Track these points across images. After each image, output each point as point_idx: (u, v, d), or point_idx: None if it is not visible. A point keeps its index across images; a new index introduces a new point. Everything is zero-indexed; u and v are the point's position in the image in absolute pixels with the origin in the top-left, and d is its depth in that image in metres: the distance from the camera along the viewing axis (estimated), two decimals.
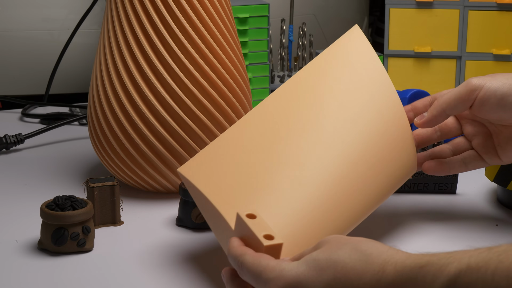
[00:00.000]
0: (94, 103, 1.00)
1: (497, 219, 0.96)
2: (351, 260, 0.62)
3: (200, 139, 0.97)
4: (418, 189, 1.03)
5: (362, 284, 0.61)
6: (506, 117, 0.84)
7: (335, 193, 0.79)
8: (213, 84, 0.98)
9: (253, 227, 0.68)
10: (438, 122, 0.87)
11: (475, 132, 0.89)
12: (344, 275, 0.62)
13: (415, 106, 0.89)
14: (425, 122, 0.87)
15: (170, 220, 0.96)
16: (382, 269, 0.61)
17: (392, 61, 1.38)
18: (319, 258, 0.64)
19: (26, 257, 0.86)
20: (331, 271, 0.62)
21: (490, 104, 0.84)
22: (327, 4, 1.66)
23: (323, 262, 0.63)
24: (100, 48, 1.00)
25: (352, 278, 0.61)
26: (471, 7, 1.32)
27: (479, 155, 0.89)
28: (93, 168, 1.12)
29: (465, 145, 0.90)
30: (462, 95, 0.84)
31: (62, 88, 1.50)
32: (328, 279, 0.62)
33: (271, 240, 0.68)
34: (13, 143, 1.20)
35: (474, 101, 0.84)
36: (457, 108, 0.85)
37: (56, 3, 1.47)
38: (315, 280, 0.63)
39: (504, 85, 0.83)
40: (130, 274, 0.83)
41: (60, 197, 0.87)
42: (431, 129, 0.90)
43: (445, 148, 0.90)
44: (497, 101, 0.83)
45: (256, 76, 1.35)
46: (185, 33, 0.96)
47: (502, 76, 0.84)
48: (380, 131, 0.84)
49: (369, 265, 0.61)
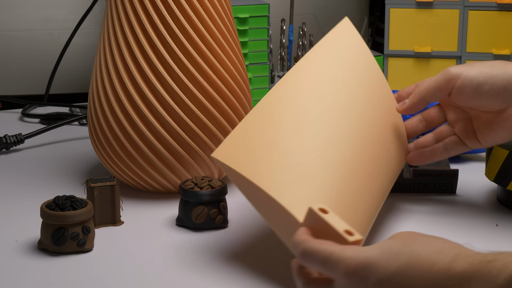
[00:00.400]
0: (94, 103, 1.00)
1: (497, 219, 0.96)
2: (424, 250, 0.64)
3: (200, 139, 0.97)
4: (418, 189, 1.03)
5: (433, 272, 0.63)
6: (483, 105, 0.88)
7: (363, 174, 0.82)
8: (213, 84, 0.98)
9: (333, 223, 0.69)
10: (419, 109, 0.91)
11: (457, 118, 0.92)
12: (417, 262, 0.64)
13: (400, 94, 0.94)
14: (406, 108, 0.91)
15: (170, 220, 0.96)
16: (453, 260, 0.63)
17: (392, 61, 1.38)
18: (393, 245, 0.65)
19: (26, 257, 0.86)
20: (404, 257, 0.64)
21: (467, 92, 0.88)
22: (327, 4, 1.66)
23: (397, 248, 0.65)
24: (100, 48, 1.00)
25: (424, 266, 0.64)
26: (471, 7, 1.32)
27: (460, 140, 0.92)
28: (93, 168, 1.12)
29: (448, 131, 0.93)
30: (440, 84, 0.89)
31: (62, 88, 1.50)
32: (400, 264, 0.64)
33: (352, 236, 0.69)
34: (13, 143, 1.20)
35: (452, 90, 0.88)
36: (436, 95, 0.90)
37: (56, 3, 1.47)
38: (388, 263, 0.64)
39: (480, 74, 0.87)
40: (130, 274, 0.83)
41: (60, 197, 0.87)
42: (416, 120, 0.94)
43: (428, 137, 0.94)
44: (473, 90, 0.87)
45: (256, 76, 1.35)
46: (185, 33, 0.96)
47: (479, 65, 0.88)
48: (382, 119, 0.88)
49: (442, 255, 0.64)
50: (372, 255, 0.65)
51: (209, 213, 0.92)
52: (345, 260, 0.65)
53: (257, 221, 0.95)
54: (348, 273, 0.65)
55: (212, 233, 0.92)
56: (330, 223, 0.69)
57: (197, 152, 0.98)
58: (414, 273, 0.63)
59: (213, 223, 0.93)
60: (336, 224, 0.69)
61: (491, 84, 0.87)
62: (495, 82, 0.87)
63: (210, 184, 0.93)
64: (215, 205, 0.92)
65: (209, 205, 0.92)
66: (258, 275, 0.83)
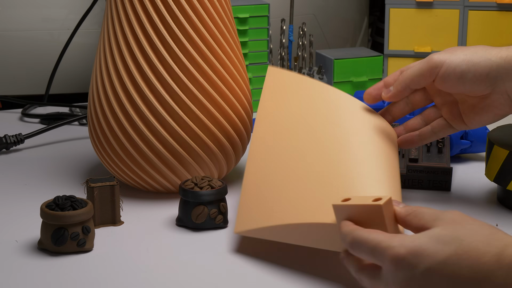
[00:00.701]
0: (94, 103, 1.00)
1: (497, 219, 0.96)
2: (474, 240, 0.65)
3: (200, 139, 0.97)
4: (412, 185, 1.03)
5: (481, 264, 0.64)
6: (466, 91, 0.90)
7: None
8: (213, 84, 0.98)
9: (360, 202, 0.71)
10: (404, 96, 0.93)
11: (443, 101, 0.94)
12: (466, 253, 0.65)
13: (386, 81, 0.95)
14: (391, 96, 0.93)
15: (170, 220, 0.96)
16: (502, 251, 0.64)
17: (392, 61, 1.38)
18: (441, 233, 0.66)
19: (26, 257, 0.86)
20: (453, 247, 0.65)
21: (450, 80, 0.90)
22: (327, 4, 1.66)
23: (446, 237, 0.66)
24: (100, 48, 1.00)
25: (472, 256, 0.65)
26: (471, 7, 1.32)
27: (447, 123, 0.94)
28: (93, 168, 1.12)
29: (435, 114, 0.95)
30: (424, 72, 0.90)
31: (62, 88, 1.50)
32: (449, 253, 0.65)
33: (381, 199, 0.70)
34: (13, 143, 1.20)
35: (436, 77, 0.90)
36: (420, 83, 0.91)
37: (56, 3, 1.47)
38: (436, 252, 0.65)
39: (463, 62, 0.89)
40: (130, 274, 0.83)
41: (60, 197, 0.87)
42: (402, 103, 0.95)
43: (417, 120, 0.96)
44: (457, 78, 0.89)
45: (256, 76, 1.35)
46: (185, 33, 0.96)
47: (461, 52, 0.90)
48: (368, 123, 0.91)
49: (491, 247, 0.65)
50: (420, 244, 0.66)
51: (209, 213, 0.92)
52: (393, 248, 0.66)
53: None
54: (396, 261, 0.66)
55: (212, 233, 0.92)
56: (358, 203, 0.71)
57: (197, 152, 0.98)
58: (462, 264, 0.64)
59: (213, 223, 0.93)
60: (363, 201, 0.71)
61: (474, 72, 0.88)
62: (477, 69, 0.88)
63: (210, 184, 0.93)
64: (215, 205, 0.92)
65: (209, 205, 0.92)
66: (258, 275, 0.83)
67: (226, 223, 0.94)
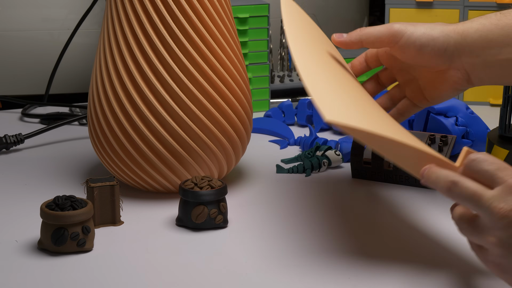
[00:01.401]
0: (94, 103, 1.00)
1: None
2: None
3: (200, 139, 0.97)
4: (400, 181, 1.03)
5: None
6: (424, 64, 0.94)
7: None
8: (213, 84, 0.98)
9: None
10: (353, 47, 0.95)
11: (404, 79, 0.98)
12: None
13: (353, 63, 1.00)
14: (341, 42, 0.95)
15: (170, 220, 0.96)
16: None
17: None
18: None
19: (26, 257, 0.86)
20: None
21: (409, 52, 0.92)
22: (327, 4, 1.66)
23: None
24: (100, 48, 1.00)
25: None
26: (471, 7, 1.32)
27: (411, 102, 0.98)
28: (93, 168, 1.12)
29: (400, 94, 0.99)
30: (382, 36, 0.93)
31: (62, 88, 1.50)
32: None
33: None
34: (13, 143, 1.20)
35: (395, 46, 0.93)
36: (374, 44, 0.94)
37: (56, 3, 1.47)
38: None
39: (423, 36, 0.92)
40: (130, 274, 0.83)
41: (60, 197, 0.87)
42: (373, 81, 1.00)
43: (384, 99, 1.00)
44: (416, 50, 0.92)
45: (256, 76, 1.35)
46: (185, 33, 0.96)
47: (422, 26, 0.93)
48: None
49: None
50: None
51: (209, 213, 0.92)
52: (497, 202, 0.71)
53: (257, 221, 0.95)
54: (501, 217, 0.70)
55: (212, 233, 0.92)
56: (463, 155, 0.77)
57: (197, 152, 0.98)
58: None
59: (213, 223, 0.93)
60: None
61: (433, 46, 0.91)
62: (436, 44, 0.91)
63: (210, 184, 0.93)
64: (215, 205, 0.92)
65: (209, 205, 0.92)
66: (258, 275, 0.83)
67: (226, 223, 0.94)
